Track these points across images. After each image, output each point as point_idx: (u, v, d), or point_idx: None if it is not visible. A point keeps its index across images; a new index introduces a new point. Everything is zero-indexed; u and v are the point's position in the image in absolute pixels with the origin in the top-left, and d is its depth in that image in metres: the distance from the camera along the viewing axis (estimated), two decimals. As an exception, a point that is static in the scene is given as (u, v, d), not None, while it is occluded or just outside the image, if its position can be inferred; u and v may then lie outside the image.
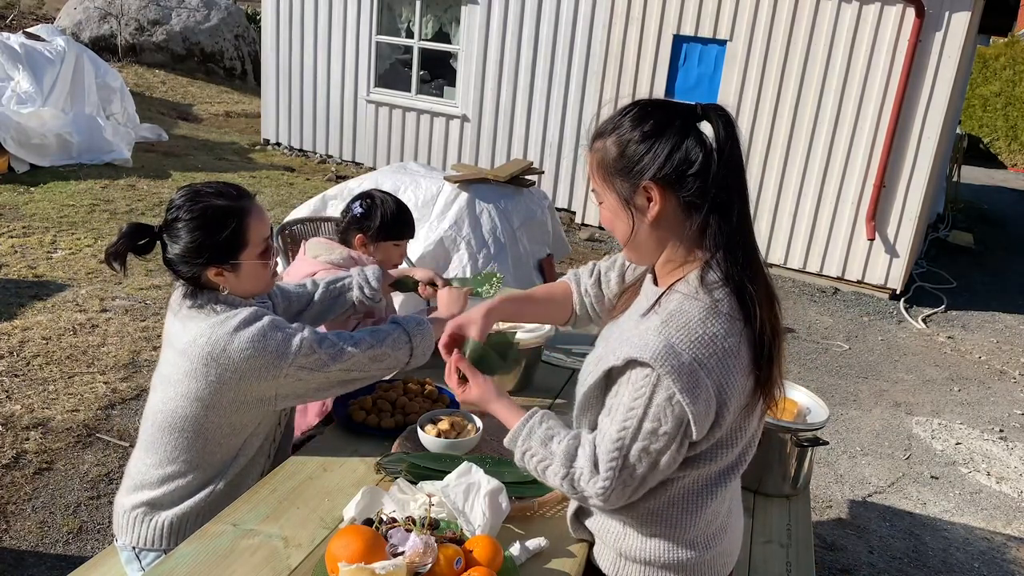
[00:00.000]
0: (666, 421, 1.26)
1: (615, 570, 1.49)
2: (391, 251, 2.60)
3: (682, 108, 1.30)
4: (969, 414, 4.94)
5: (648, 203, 1.31)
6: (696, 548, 1.44)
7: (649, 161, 1.28)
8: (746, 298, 1.28)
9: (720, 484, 1.42)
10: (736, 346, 1.27)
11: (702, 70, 7.27)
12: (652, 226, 1.33)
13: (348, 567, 1.27)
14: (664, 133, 1.28)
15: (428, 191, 4.94)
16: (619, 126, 1.32)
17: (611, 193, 1.34)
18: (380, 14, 8.71)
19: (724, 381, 1.26)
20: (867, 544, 3.47)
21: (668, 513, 1.41)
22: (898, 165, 6.69)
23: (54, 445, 3.30)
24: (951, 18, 6.29)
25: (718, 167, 1.27)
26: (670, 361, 1.23)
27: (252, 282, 1.79)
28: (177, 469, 1.78)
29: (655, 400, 1.26)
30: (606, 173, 1.34)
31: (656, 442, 1.28)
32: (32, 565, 2.68)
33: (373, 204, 2.55)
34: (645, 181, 1.29)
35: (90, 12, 12.88)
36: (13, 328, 4.23)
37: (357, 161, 9.31)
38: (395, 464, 1.72)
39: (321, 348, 1.74)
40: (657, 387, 1.25)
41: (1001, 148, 17.11)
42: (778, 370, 1.34)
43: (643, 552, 1.44)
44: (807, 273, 7.22)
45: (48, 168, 7.32)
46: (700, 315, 1.26)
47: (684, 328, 1.25)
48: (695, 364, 1.23)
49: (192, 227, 1.70)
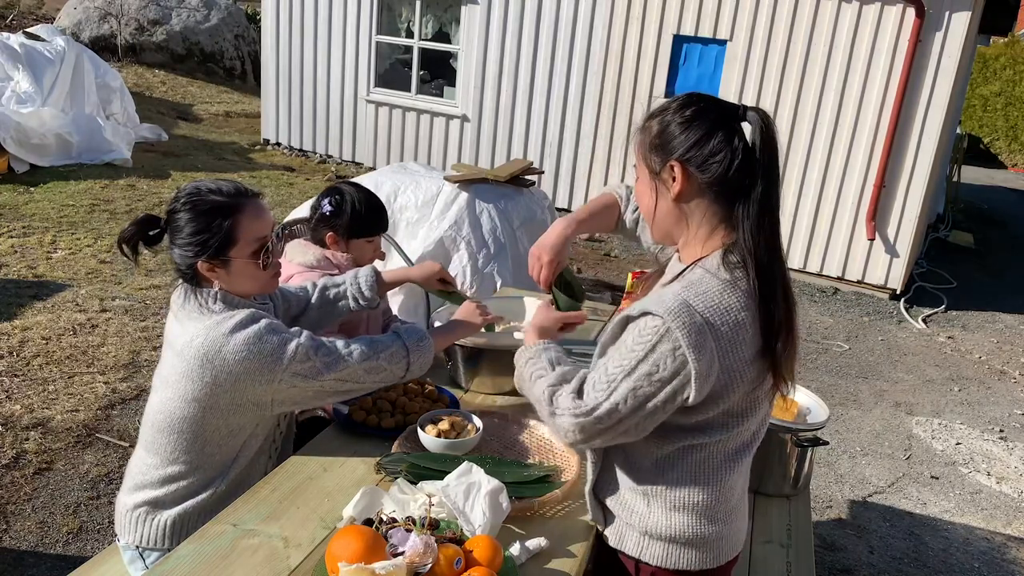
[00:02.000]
0: (664, 368, 1.32)
1: (639, 550, 1.53)
2: (364, 248, 2.48)
3: (726, 105, 1.42)
4: (969, 414, 4.94)
5: (672, 180, 1.41)
6: (716, 523, 1.50)
7: (679, 143, 1.39)
8: (764, 280, 1.36)
9: (737, 459, 1.49)
10: (749, 321, 1.34)
11: (702, 70, 7.27)
12: (674, 202, 1.43)
13: (348, 567, 1.27)
14: (700, 122, 1.39)
15: (428, 191, 4.94)
16: (667, 109, 1.45)
17: (644, 167, 1.47)
18: (380, 14, 8.71)
19: (731, 350, 1.33)
20: (867, 544, 3.47)
21: (691, 488, 1.47)
22: (898, 165, 6.69)
23: (54, 445, 3.30)
24: (951, 18, 6.29)
25: (743, 161, 1.37)
26: (682, 317, 1.30)
27: (246, 281, 1.78)
28: (178, 470, 1.78)
29: (659, 348, 1.32)
30: (645, 149, 1.46)
31: (647, 386, 1.34)
32: (32, 565, 2.68)
33: (342, 200, 2.42)
34: (672, 160, 1.40)
35: (90, 12, 12.88)
36: (13, 328, 4.23)
37: (357, 161, 9.31)
38: (395, 464, 1.72)
39: (317, 355, 1.72)
40: (664, 337, 1.31)
41: (1001, 148, 17.11)
42: (791, 355, 1.40)
43: (669, 528, 1.49)
44: (807, 273, 7.22)
45: (48, 168, 7.32)
46: (719, 287, 1.35)
47: (702, 295, 1.33)
48: (706, 326, 1.31)
49: (186, 219, 1.72)
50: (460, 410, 1.97)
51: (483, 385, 2.25)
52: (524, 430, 1.99)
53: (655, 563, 1.52)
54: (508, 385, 2.24)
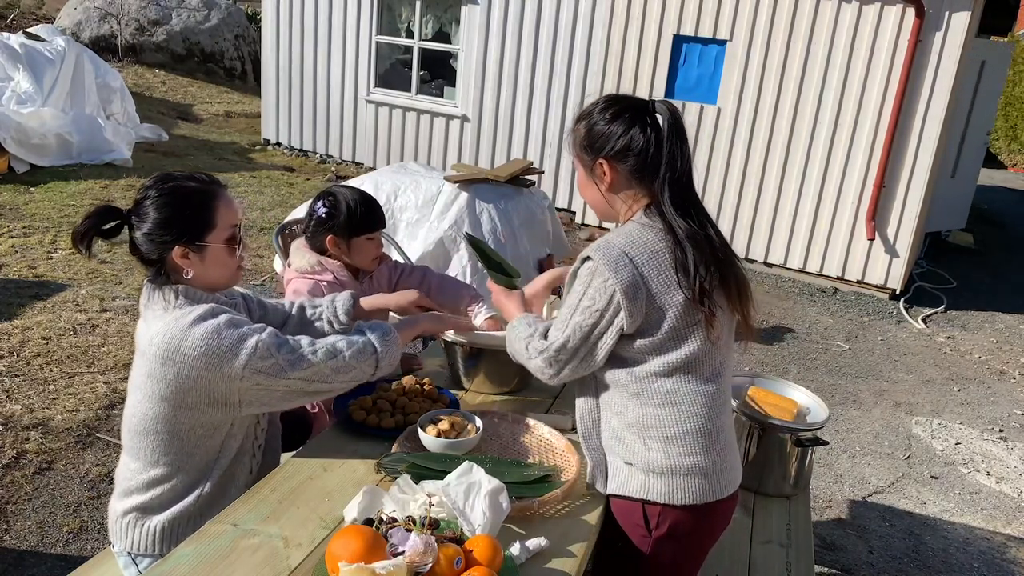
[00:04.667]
0: (599, 300, 1.60)
1: (645, 490, 1.66)
2: (365, 246, 2.43)
3: (638, 102, 1.68)
4: (969, 414, 4.94)
5: (603, 175, 1.68)
6: (712, 452, 1.66)
7: (603, 143, 1.66)
8: (675, 224, 1.61)
9: (709, 387, 1.66)
10: (665, 252, 1.60)
11: (702, 70, 7.27)
12: (608, 191, 1.70)
13: (348, 567, 1.27)
14: (619, 121, 1.65)
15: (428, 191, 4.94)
16: (591, 112, 1.70)
17: (581, 165, 1.74)
18: (380, 14, 8.71)
19: (652, 272, 1.59)
20: (867, 544, 3.47)
21: (676, 416, 1.64)
22: (898, 165, 6.69)
23: (54, 445, 3.30)
24: (951, 18, 6.29)
25: (656, 148, 1.63)
26: (603, 250, 1.60)
27: (217, 269, 1.75)
28: (161, 473, 1.76)
29: (593, 283, 1.61)
30: (579, 149, 1.73)
31: (588, 317, 1.61)
32: (32, 565, 2.68)
33: (336, 201, 2.39)
34: (600, 158, 1.67)
35: (90, 12, 12.88)
36: (13, 328, 4.24)
37: (357, 161, 9.32)
38: (395, 464, 1.72)
39: (279, 353, 1.68)
40: (596, 272, 1.60)
41: (1001, 148, 17.11)
42: (740, 295, 1.66)
43: (668, 459, 1.64)
44: (807, 273, 7.22)
45: (48, 168, 7.32)
46: (638, 228, 1.64)
47: (624, 234, 1.64)
48: (624, 256, 1.59)
49: (160, 204, 1.68)
50: (460, 410, 1.97)
51: (483, 385, 2.25)
52: (524, 430, 1.99)
53: (662, 500, 1.64)
54: (508, 385, 2.24)
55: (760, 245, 7.30)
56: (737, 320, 1.71)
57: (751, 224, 7.30)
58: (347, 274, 2.41)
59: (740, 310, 1.67)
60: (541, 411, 2.15)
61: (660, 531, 1.66)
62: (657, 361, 1.63)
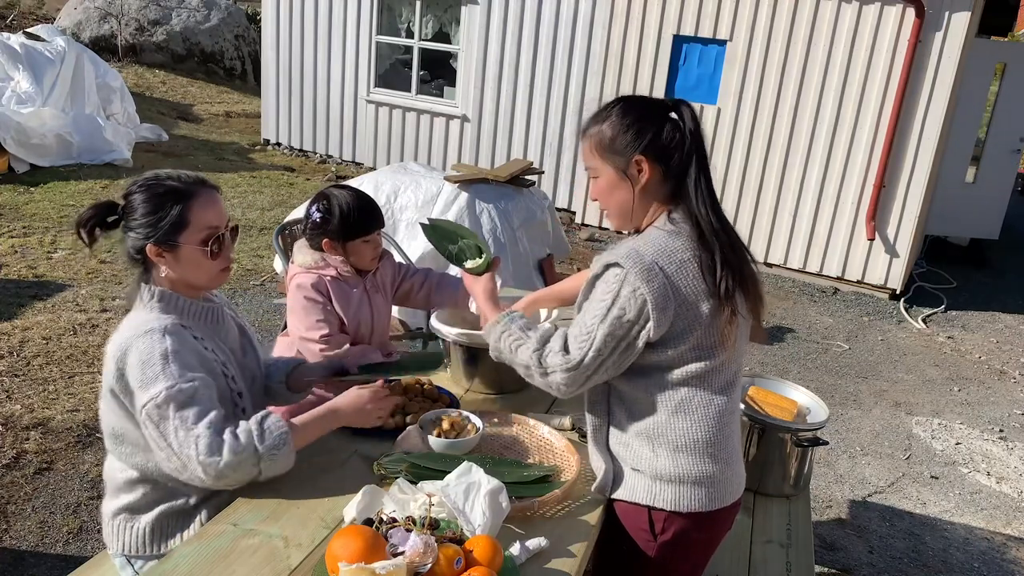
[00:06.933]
0: (630, 310, 1.54)
1: (651, 496, 1.65)
2: (361, 248, 2.40)
3: (658, 101, 1.67)
4: (969, 414, 4.94)
5: (639, 173, 1.62)
6: (719, 462, 1.66)
7: (638, 139, 1.61)
8: (703, 228, 1.58)
9: (723, 396, 1.65)
10: (692, 260, 1.57)
11: (702, 70, 7.27)
12: (641, 192, 1.64)
13: (348, 567, 1.27)
14: (649, 120, 1.62)
15: (428, 191, 4.94)
16: (610, 113, 1.65)
17: (608, 167, 1.66)
18: (380, 14, 8.71)
19: (682, 283, 1.55)
20: (867, 544, 3.47)
21: (688, 425, 1.63)
22: (898, 165, 6.69)
23: (54, 445, 3.30)
24: (951, 18, 6.29)
25: (690, 143, 1.61)
26: (633, 259, 1.54)
27: (194, 270, 1.74)
28: (136, 475, 1.75)
29: (623, 292, 1.55)
30: (604, 151, 1.65)
31: (619, 328, 1.56)
32: (32, 565, 2.68)
33: (331, 204, 2.36)
34: (637, 155, 1.61)
35: (90, 12, 12.88)
36: (13, 328, 4.24)
37: (357, 161, 9.31)
38: (395, 464, 1.72)
39: (174, 412, 1.56)
40: (625, 281, 1.55)
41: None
42: (752, 296, 1.64)
43: (676, 468, 1.63)
44: (807, 273, 7.22)
45: (48, 168, 7.32)
46: (664, 235, 1.60)
47: (650, 243, 1.58)
48: (655, 265, 1.54)
49: (139, 201, 1.72)
50: (460, 410, 1.97)
51: (483, 385, 2.25)
52: (524, 430, 1.99)
53: (668, 507, 1.64)
54: (508, 385, 2.24)
55: (760, 245, 7.30)
56: (750, 324, 1.71)
57: (751, 224, 7.30)
58: (350, 270, 2.42)
59: (754, 312, 1.67)
60: (541, 411, 2.15)
61: (665, 536, 1.67)
62: (675, 371, 1.62)
